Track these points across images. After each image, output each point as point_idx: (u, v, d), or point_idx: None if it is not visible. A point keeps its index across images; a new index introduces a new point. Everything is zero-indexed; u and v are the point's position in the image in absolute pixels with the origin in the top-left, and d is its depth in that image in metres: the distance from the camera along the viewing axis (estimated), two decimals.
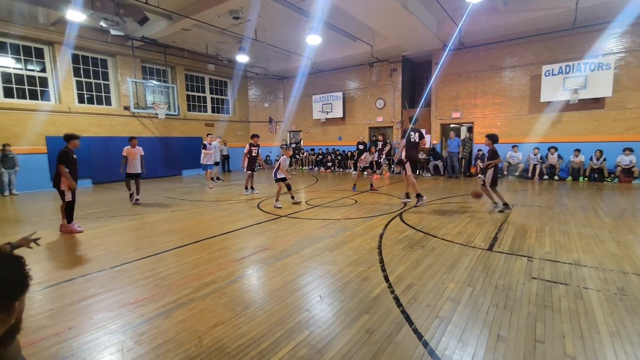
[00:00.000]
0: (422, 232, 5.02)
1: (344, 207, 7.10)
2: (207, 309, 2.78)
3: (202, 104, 16.38)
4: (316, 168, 16.61)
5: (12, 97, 10.52)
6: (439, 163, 13.06)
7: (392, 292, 3.02)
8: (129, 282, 3.42)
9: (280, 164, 7.32)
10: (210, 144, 10.86)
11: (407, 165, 7.06)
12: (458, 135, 13.15)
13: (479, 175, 6.98)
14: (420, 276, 3.37)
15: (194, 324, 2.55)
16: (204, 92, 16.43)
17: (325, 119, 16.70)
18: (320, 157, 16.71)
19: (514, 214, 6.10)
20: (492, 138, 6.40)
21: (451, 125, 13.84)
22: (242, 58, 13.00)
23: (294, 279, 3.38)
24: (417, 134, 7.14)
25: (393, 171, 14.20)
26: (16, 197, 9.75)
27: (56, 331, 2.50)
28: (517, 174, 11.59)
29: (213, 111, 16.84)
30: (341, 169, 15.72)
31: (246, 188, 9.19)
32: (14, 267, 0.94)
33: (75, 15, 7.98)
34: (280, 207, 7.05)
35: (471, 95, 12.72)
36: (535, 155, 11.27)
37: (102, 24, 9.45)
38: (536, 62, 11.37)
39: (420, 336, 2.32)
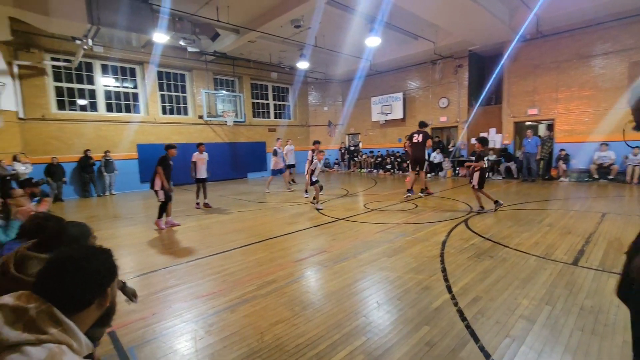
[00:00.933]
0: (491, 240, 4.64)
1: (404, 211, 6.89)
2: (269, 307, 2.94)
3: (265, 110, 17.31)
4: (375, 171, 16.38)
5: (112, 111, 12.32)
6: (512, 165, 11.90)
7: (456, 304, 2.84)
8: (202, 276, 3.76)
9: (313, 167, 7.66)
10: (279, 149, 10.56)
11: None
12: (536, 133, 11.84)
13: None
14: (488, 289, 3.12)
15: (257, 320, 2.71)
16: (267, 99, 17.35)
17: (385, 120, 16.39)
18: (379, 159, 16.43)
19: (606, 225, 5.29)
20: (482, 142, 6.69)
21: (526, 123, 12.52)
22: (303, 65, 13.43)
23: (351, 283, 3.39)
24: (420, 135, 8.22)
25: (458, 174, 13.35)
26: (115, 196, 11.39)
27: (143, 316, 2.87)
28: (611, 177, 10.01)
29: (275, 117, 17.68)
30: (401, 172, 15.26)
31: (306, 191, 9.45)
32: (105, 259, 1.11)
33: (160, 37, 9.07)
34: (321, 209, 7.29)
35: (552, 88, 11.37)
36: (635, 155, 9.62)
37: (181, 42, 10.58)
38: (636, 46, 9.73)
39: (487, 355, 2.15)
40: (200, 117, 14.25)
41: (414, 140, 8.34)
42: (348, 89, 17.83)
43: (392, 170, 15.49)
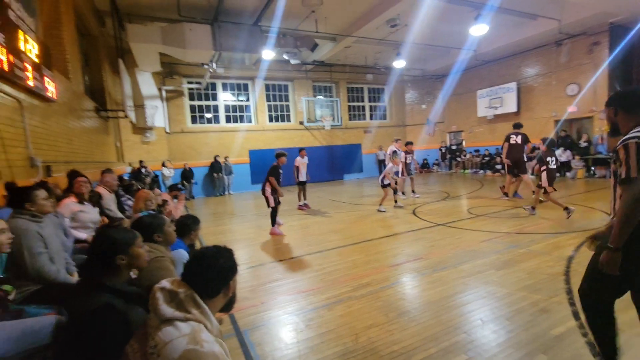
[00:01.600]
0: None
1: (516, 218, 6.07)
2: (363, 309, 3.00)
3: (360, 113, 17.49)
4: (481, 171, 14.80)
5: (230, 122, 14.32)
6: None
7: (585, 334, 2.40)
8: (302, 273, 4.08)
9: (386, 170, 7.79)
10: (399, 150, 9.07)
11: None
12: None
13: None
14: (632, 322, 2.52)
15: (352, 321, 2.81)
16: (362, 101, 17.50)
17: (494, 115, 14.65)
18: (487, 158, 14.77)
19: None
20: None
21: None
22: (399, 63, 13.08)
23: (451, 294, 3.19)
24: (519, 137, 7.57)
25: (594, 174, 11.01)
26: (232, 196, 13.19)
27: (253, 304, 3.28)
28: None
29: (371, 118, 17.69)
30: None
31: (403, 193, 9.20)
32: (229, 256, 1.35)
33: (268, 54, 10.13)
34: (384, 211, 7.38)
35: None
36: None
37: (285, 56, 11.58)
38: None
39: None
40: (301, 122, 15.30)
41: (512, 141, 7.69)
42: (449, 84, 16.57)
43: (502, 171, 13.74)
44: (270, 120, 15.10)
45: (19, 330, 1.67)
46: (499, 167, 13.84)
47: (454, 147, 17.09)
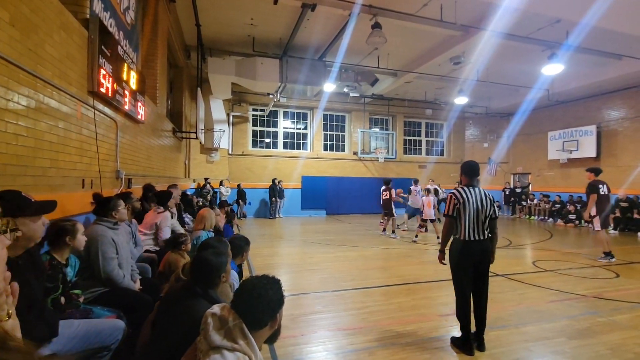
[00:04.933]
0: None
1: (596, 279, 5.29)
2: None
3: (416, 147, 17.15)
4: (550, 219, 13.34)
5: (287, 148, 14.99)
6: None
7: None
8: (344, 309, 3.95)
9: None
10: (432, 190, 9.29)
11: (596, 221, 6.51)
12: None
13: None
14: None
15: None
16: (419, 135, 17.20)
17: (567, 159, 13.35)
18: (558, 206, 13.32)
19: None
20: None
21: None
22: (461, 100, 12.76)
23: None
24: (604, 186, 6.55)
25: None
26: (281, 219, 13.52)
27: (293, 334, 3.24)
28: None
29: (427, 153, 17.23)
30: (589, 224, 11.84)
31: (393, 231, 9.09)
32: (277, 288, 1.36)
33: (329, 87, 10.60)
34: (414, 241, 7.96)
35: None
36: None
37: (345, 89, 12.01)
38: None
39: None
40: (355, 153, 15.43)
41: (601, 192, 6.44)
42: (515, 123, 15.62)
43: (577, 222, 12.23)
44: (325, 149, 15.48)
45: (84, 331, 1.85)
46: (572, 217, 12.36)
47: (518, 190, 15.76)
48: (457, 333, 3.36)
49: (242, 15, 8.10)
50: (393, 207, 9.06)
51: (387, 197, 9.13)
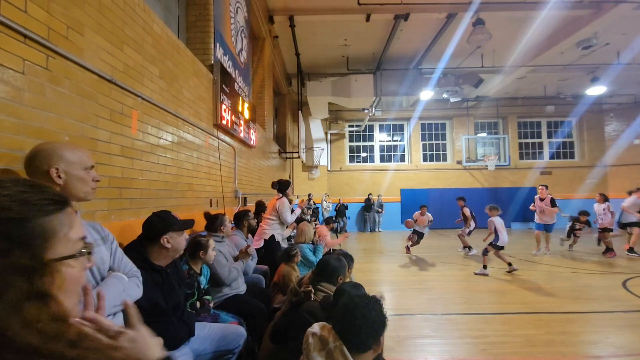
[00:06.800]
0: None
1: None
2: None
3: (537, 151, 14.74)
4: None
5: (384, 161, 14.79)
6: None
7: None
8: (458, 335, 3.55)
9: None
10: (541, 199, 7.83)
11: None
12: None
13: None
14: None
15: None
16: (539, 137, 14.77)
17: None
18: None
19: None
20: None
21: None
22: (596, 90, 10.50)
23: None
24: None
25: None
26: (381, 233, 13.26)
27: (400, 357, 3.05)
28: None
29: (551, 157, 14.61)
30: None
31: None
32: (380, 309, 1.28)
33: (426, 94, 10.11)
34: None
35: None
36: None
37: (445, 95, 11.25)
38: None
39: None
40: (459, 162, 14.18)
41: None
42: None
43: None
44: (425, 160, 14.69)
45: (219, 333, 2.09)
46: None
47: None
48: None
49: (336, 37, 8.51)
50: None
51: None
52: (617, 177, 13.65)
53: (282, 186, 4.54)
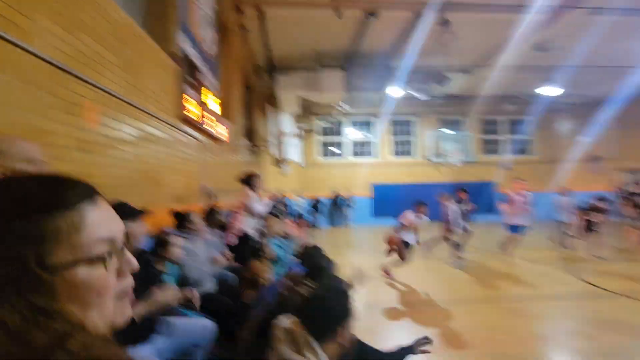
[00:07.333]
0: None
1: None
2: None
3: (496, 147, 15.62)
4: None
5: (354, 156, 15.01)
6: None
7: None
8: (432, 324, 3.70)
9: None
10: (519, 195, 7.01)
11: None
12: None
13: None
14: None
15: None
16: (499, 134, 15.65)
17: None
18: None
19: None
20: None
21: None
22: (550, 90, 11.27)
23: None
24: None
25: None
26: (352, 228, 13.47)
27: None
28: None
29: (511, 153, 15.55)
30: None
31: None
32: (342, 299, 1.29)
33: (395, 92, 10.36)
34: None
35: None
36: None
37: (412, 92, 11.57)
38: None
39: None
40: (426, 158, 14.70)
41: None
42: (622, 112, 13.16)
43: None
44: (395, 155, 15.09)
45: (181, 328, 2.05)
46: None
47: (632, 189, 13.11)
48: None
49: (308, 32, 8.46)
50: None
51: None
52: (569, 172, 14.80)
53: (247, 179, 4.41)
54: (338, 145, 15.07)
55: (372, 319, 3.82)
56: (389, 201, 14.48)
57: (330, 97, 10.35)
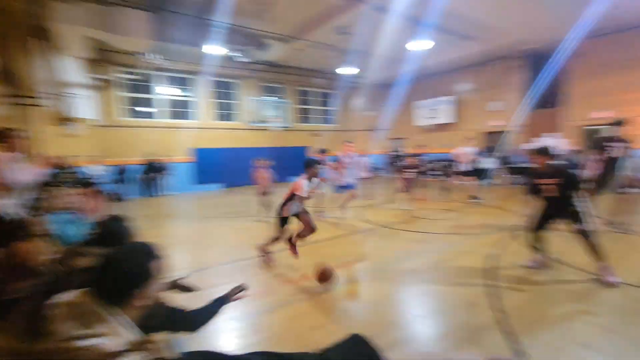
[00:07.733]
0: (549, 258, 4.27)
1: (448, 220, 6.60)
2: (307, 313, 3.00)
3: (310, 116, 17.67)
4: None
5: (171, 118, 13.41)
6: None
7: (506, 326, 2.66)
8: (249, 276, 3.94)
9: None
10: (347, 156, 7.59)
11: None
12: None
13: None
14: (544, 312, 2.88)
15: (294, 325, 2.78)
16: (312, 104, 17.70)
17: (434, 125, 15.87)
18: (431, 165, 15.90)
19: None
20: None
21: (591, 128, 11.31)
22: (347, 70, 13.50)
23: (389, 293, 3.33)
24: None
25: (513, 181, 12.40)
26: (170, 196, 12.30)
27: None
28: None
29: (321, 122, 17.95)
30: (449, 177, 14.58)
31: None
32: (140, 261, 1.21)
33: (212, 49, 9.72)
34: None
35: (621, 89, 10.18)
36: None
37: (232, 53, 11.23)
38: None
39: None
40: (249, 122, 14.94)
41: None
42: (394, 93, 17.53)
43: (444, 176, 14.89)
44: (216, 119, 14.50)
45: None
46: (439, 172, 14.94)
47: (395, 154, 18.07)
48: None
49: None
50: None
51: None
52: (359, 138, 18.58)
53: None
54: (148, 103, 13.00)
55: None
56: (213, 167, 14.04)
57: (133, 44, 8.62)
